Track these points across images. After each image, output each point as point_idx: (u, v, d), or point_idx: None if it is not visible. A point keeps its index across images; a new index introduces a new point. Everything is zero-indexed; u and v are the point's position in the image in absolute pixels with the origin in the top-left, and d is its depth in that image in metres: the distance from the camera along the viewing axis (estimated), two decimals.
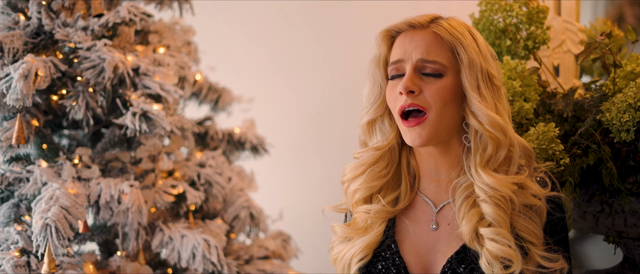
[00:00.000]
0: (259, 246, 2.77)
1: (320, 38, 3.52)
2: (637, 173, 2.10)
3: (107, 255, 2.55)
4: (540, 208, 1.78)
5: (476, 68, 1.79)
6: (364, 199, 1.96)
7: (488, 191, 1.77)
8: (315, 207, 3.43)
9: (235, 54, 3.55)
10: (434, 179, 1.91)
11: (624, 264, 2.34)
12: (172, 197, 2.51)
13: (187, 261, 2.45)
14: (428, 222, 1.89)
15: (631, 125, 2.02)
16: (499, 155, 1.79)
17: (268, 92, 3.43)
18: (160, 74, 2.47)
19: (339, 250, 1.96)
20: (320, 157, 3.51)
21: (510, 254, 1.72)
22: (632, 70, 2.35)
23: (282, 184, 3.42)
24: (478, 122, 1.79)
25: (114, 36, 2.53)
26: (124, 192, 2.35)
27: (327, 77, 3.49)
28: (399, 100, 1.83)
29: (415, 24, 1.89)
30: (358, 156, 1.95)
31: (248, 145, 2.89)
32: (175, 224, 2.51)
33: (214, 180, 2.65)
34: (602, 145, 2.08)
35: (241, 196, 2.73)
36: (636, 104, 2.01)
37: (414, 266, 1.87)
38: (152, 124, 2.38)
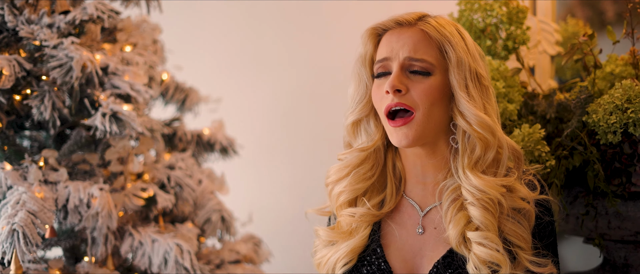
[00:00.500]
0: (229, 250, 2.75)
1: (287, 38, 3.55)
2: (623, 175, 2.08)
3: (74, 261, 2.54)
4: (529, 212, 1.81)
5: (464, 67, 1.80)
6: (349, 202, 1.98)
7: (476, 194, 1.81)
8: (284, 210, 3.42)
9: (201, 53, 3.54)
10: (420, 182, 1.94)
11: (605, 267, 2.38)
12: (142, 201, 2.50)
13: (159, 266, 2.43)
14: (414, 226, 1.92)
15: (618, 127, 2.05)
16: (488, 156, 1.80)
17: (234, 92, 3.40)
18: (129, 73, 2.45)
19: (323, 254, 1.99)
20: (287, 159, 3.53)
21: (499, 258, 1.74)
22: (611, 71, 2.37)
23: (249, 187, 3.37)
24: (466, 122, 1.82)
25: (81, 34, 2.47)
26: (94, 195, 2.33)
27: (293, 77, 3.50)
28: (385, 99, 1.85)
29: (402, 22, 1.91)
30: (342, 157, 1.98)
31: (218, 146, 2.88)
32: (145, 229, 2.49)
33: (185, 183, 2.62)
34: (590, 147, 2.06)
35: (212, 199, 2.72)
36: (623, 105, 2.02)
37: (400, 270, 1.90)
38: (123, 125, 2.35)
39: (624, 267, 2.35)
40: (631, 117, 2.05)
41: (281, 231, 3.25)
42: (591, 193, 2.21)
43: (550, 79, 2.73)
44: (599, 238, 2.25)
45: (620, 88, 2.10)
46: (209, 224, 2.70)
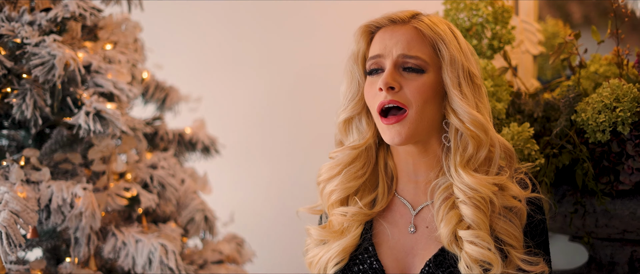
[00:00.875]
0: (212, 250, 2.72)
1: (266, 37, 3.50)
2: (611, 174, 2.09)
3: (55, 262, 2.48)
4: (520, 210, 1.81)
5: (457, 65, 1.80)
6: (340, 200, 1.97)
7: (468, 192, 1.80)
8: (264, 209, 3.39)
9: (180, 52, 3.49)
10: (412, 181, 1.94)
11: (591, 265, 2.38)
12: (125, 201, 2.47)
13: (143, 267, 2.40)
14: (406, 224, 1.91)
15: (607, 125, 2.06)
16: (480, 155, 1.80)
17: (214, 91, 3.36)
18: (112, 71, 2.42)
19: (314, 253, 1.98)
20: (267, 158, 3.50)
21: (490, 257, 1.74)
22: (595, 70, 2.37)
23: (229, 186, 3.34)
24: (459, 120, 1.82)
25: (62, 32, 2.42)
26: (77, 195, 2.30)
27: (274, 77, 3.47)
28: (378, 97, 1.84)
29: (396, 19, 1.91)
30: (334, 155, 1.98)
31: (200, 146, 2.84)
32: (128, 229, 2.46)
33: (168, 182, 2.59)
34: (580, 145, 2.06)
35: (195, 198, 2.69)
36: (611, 104, 2.02)
37: (392, 269, 1.90)
38: (106, 124, 2.30)
39: (609, 265, 2.36)
40: (620, 116, 2.06)
41: (261, 231, 3.23)
42: (579, 191, 2.22)
43: (533, 79, 2.74)
44: (588, 236, 2.27)
45: (609, 87, 2.11)
46: (193, 224, 2.67)
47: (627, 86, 2.09)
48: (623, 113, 2.06)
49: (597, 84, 2.39)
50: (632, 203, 2.18)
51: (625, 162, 2.11)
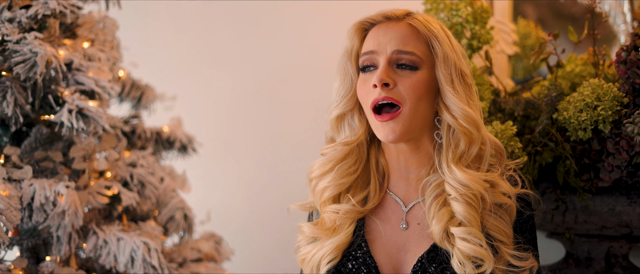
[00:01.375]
0: (191, 249, 2.69)
1: (240, 36, 3.49)
2: (591, 171, 2.13)
3: (34, 261, 2.42)
4: (510, 207, 1.84)
5: (451, 63, 1.83)
6: (333, 198, 1.97)
7: (459, 189, 1.82)
8: (239, 207, 3.39)
9: (155, 50, 3.45)
10: (403, 178, 1.95)
11: (568, 260, 2.41)
12: (106, 199, 2.43)
13: (125, 265, 2.38)
14: (398, 221, 1.93)
15: (588, 124, 2.09)
16: (472, 151, 1.83)
17: (188, 90, 3.33)
18: (94, 69, 2.38)
19: (307, 251, 1.99)
20: (242, 157, 3.47)
21: (482, 253, 1.76)
22: (571, 70, 2.40)
23: (204, 185, 3.32)
24: (452, 116, 1.84)
25: (43, 29, 2.38)
26: (60, 193, 2.26)
27: (248, 75, 3.46)
28: (372, 93, 1.85)
29: (390, 16, 1.92)
30: (326, 151, 1.99)
31: (178, 144, 2.82)
32: (109, 227, 2.44)
33: (147, 180, 2.57)
34: (563, 143, 2.10)
35: (174, 197, 2.69)
36: (593, 103, 2.05)
37: (385, 266, 1.90)
38: (89, 122, 2.26)
39: (587, 260, 2.41)
40: (601, 114, 2.10)
41: (237, 229, 3.22)
42: (559, 188, 2.26)
43: (507, 78, 2.78)
44: (569, 232, 2.31)
45: (589, 86, 2.15)
46: (173, 222, 2.65)
47: (607, 86, 2.13)
48: (604, 112, 2.10)
49: (573, 84, 2.44)
50: (611, 200, 2.23)
51: (605, 159, 2.15)
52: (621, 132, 2.12)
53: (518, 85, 2.64)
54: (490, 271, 1.76)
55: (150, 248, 2.38)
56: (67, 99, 2.31)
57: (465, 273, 1.77)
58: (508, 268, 1.79)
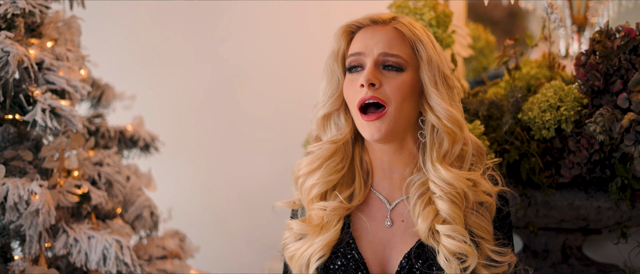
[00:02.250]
0: (156, 246, 2.69)
1: (196, 36, 3.48)
2: (552, 167, 2.23)
3: (2, 260, 2.37)
4: (491, 205, 1.93)
5: (434, 66, 1.91)
6: (320, 195, 2.01)
7: (444, 187, 1.89)
8: (197, 205, 3.40)
9: (111, 49, 3.42)
10: (387, 177, 2.02)
11: (525, 253, 2.50)
12: (76, 198, 2.41)
13: (97, 263, 2.34)
14: (383, 219, 1.99)
15: (552, 123, 2.16)
16: (455, 150, 1.91)
17: (145, 89, 3.31)
18: (64, 69, 2.36)
19: (296, 248, 2.02)
20: (199, 156, 3.46)
21: (466, 249, 1.84)
22: (527, 72, 2.50)
23: (163, 183, 3.32)
24: (436, 117, 1.91)
25: (11, 28, 2.35)
26: (34, 192, 2.22)
27: (205, 74, 3.45)
28: (359, 93, 1.91)
29: (377, 20, 1.99)
30: (313, 149, 2.03)
31: (141, 143, 2.80)
32: (79, 226, 2.43)
33: (115, 179, 2.58)
34: (530, 141, 2.19)
35: (141, 195, 2.70)
36: (556, 104, 2.14)
37: (372, 262, 1.96)
38: (61, 121, 2.24)
39: (544, 252, 2.52)
40: (564, 114, 2.21)
41: (194, 227, 3.23)
42: (522, 184, 2.36)
43: (463, 80, 2.87)
44: (532, 225, 2.41)
45: (552, 88, 2.25)
46: (140, 220, 2.66)
47: (567, 88, 2.24)
48: (567, 112, 2.20)
49: (529, 85, 2.55)
50: (570, 195, 2.33)
51: (566, 157, 2.26)
52: (582, 131, 2.22)
53: (476, 86, 2.74)
54: (473, 266, 1.84)
55: (123, 245, 2.38)
56: (39, 99, 2.29)
57: (451, 268, 1.84)
58: (489, 262, 1.87)
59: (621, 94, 2.12)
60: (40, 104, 2.27)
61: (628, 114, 2.06)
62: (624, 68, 2.18)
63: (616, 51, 2.19)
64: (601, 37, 2.25)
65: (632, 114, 2.06)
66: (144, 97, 3.23)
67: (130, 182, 2.68)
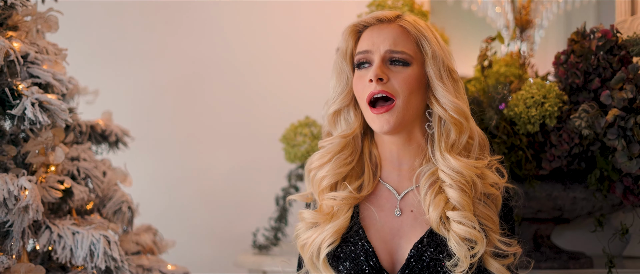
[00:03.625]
0: (131, 241, 2.64)
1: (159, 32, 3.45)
2: (533, 160, 2.32)
3: None
4: (497, 197, 1.98)
5: (439, 60, 1.97)
6: (330, 186, 2.04)
7: (454, 176, 1.93)
8: (154, 200, 3.35)
9: (72, 44, 3.31)
10: (395, 168, 2.06)
11: None
12: (59, 193, 2.34)
13: (84, 258, 2.28)
14: (392, 209, 2.02)
15: (537, 118, 2.23)
16: (462, 140, 1.97)
17: (103, 84, 3.24)
18: (49, 62, 2.28)
19: (307, 236, 2.03)
20: (160, 151, 3.42)
21: (476, 235, 1.88)
22: (497, 70, 2.58)
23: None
24: (443, 108, 1.96)
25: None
26: (24, 188, 2.14)
27: (166, 70, 3.42)
28: (368, 88, 1.95)
29: (382, 19, 2.03)
30: (324, 144, 2.06)
31: (113, 138, 2.75)
32: (61, 222, 2.36)
33: (93, 174, 2.54)
34: (520, 136, 2.27)
35: (117, 190, 2.63)
36: (540, 100, 2.23)
37: (381, 250, 1.98)
38: (50, 115, 2.18)
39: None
40: (548, 110, 2.30)
41: (155, 222, 3.20)
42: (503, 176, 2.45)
43: None
44: (517, 216, 2.49)
45: (535, 85, 2.35)
46: (119, 216, 2.61)
47: (549, 85, 2.34)
48: (551, 108, 2.30)
49: (498, 82, 2.64)
50: (548, 186, 2.43)
51: (548, 150, 2.36)
52: (563, 126, 2.33)
53: None
54: (481, 253, 1.90)
55: (110, 240, 2.34)
56: (25, 92, 2.22)
57: (462, 254, 1.89)
58: (497, 251, 1.93)
59: (604, 92, 2.24)
60: (28, 98, 2.21)
61: (612, 110, 2.18)
62: (601, 67, 2.30)
63: (595, 51, 2.30)
64: (578, 37, 2.37)
65: (616, 110, 2.18)
66: (104, 92, 3.17)
67: (107, 177, 2.62)
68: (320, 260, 1.99)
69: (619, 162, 2.21)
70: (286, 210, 2.97)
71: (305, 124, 2.66)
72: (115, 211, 2.62)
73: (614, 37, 2.31)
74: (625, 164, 2.21)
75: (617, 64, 2.29)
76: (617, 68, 2.29)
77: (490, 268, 1.92)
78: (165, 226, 3.19)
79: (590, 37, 2.35)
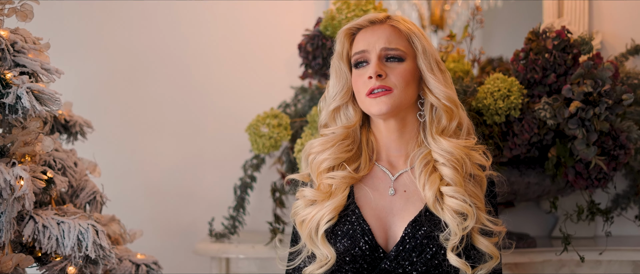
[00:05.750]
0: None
1: (97, 25, 3.38)
2: (496, 149, 2.50)
3: None
4: (482, 179, 2.13)
5: (429, 54, 2.15)
6: (329, 168, 2.21)
7: (446, 155, 2.12)
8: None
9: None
10: (391, 153, 2.23)
11: None
12: (43, 183, 2.29)
13: (72, 248, 2.25)
14: (386, 189, 2.18)
15: (504, 110, 2.41)
16: (452, 125, 2.16)
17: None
18: (34, 51, 2.24)
19: (307, 212, 2.17)
20: (101, 141, 3.35)
21: (467, 209, 2.06)
22: (453, 68, 2.76)
23: None
24: (436, 98, 2.15)
25: None
26: (21, 177, 2.10)
27: (108, 61, 3.38)
28: (368, 84, 2.13)
29: (374, 20, 2.22)
30: (327, 132, 2.23)
31: (77, 128, 2.70)
32: (44, 212, 2.30)
33: (67, 165, 2.47)
34: (493, 126, 2.44)
35: (88, 180, 2.58)
36: (506, 93, 2.41)
37: (376, 227, 2.14)
38: (45, 104, 2.15)
39: None
40: (513, 102, 2.49)
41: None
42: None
43: None
44: None
45: (498, 80, 2.53)
46: (93, 206, 2.58)
47: (510, 79, 2.53)
48: (516, 100, 2.49)
49: (459, 78, 2.82)
50: (506, 173, 2.61)
51: (510, 139, 2.55)
52: (524, 117, 2.52)
53: None
54: (471, 226, 2.05)
55: (98, 229, 2.32)
56: (15, 81, 2.17)
57: (454, 225, 2.03)
58: (485, 228, 2.09)
59: (565, 86, 2.46)
60: (22, 87, 2.15)
61: (574, 102, 2.40)
62: (557, 63, 2.52)
63: (551, 49, 2.52)
64: (534, 37, 2.58)
65: (577, 102, 2.40)
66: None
67: (79, 167, 2.59)
68: (319, 236, 2.13)
69: (578, 149, 2.44)
70: (244, 199, 3.03)
71: (273, 115, 2.73)
72: (88, 201, 2.59)
73: (566, 37, 2.53)
74: (583, 151, 2.44)
75: (570, 61, 2.52)
76: (570, 65, 2.52)
77: (480, 246, 2.08)
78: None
79: (544, 36, 2.56)
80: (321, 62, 2.84)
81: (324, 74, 2.89)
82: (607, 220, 2.75)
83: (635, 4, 3.18)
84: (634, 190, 2.95)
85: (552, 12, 3.14)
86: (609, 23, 3.18)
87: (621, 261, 2.86)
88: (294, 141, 2.91)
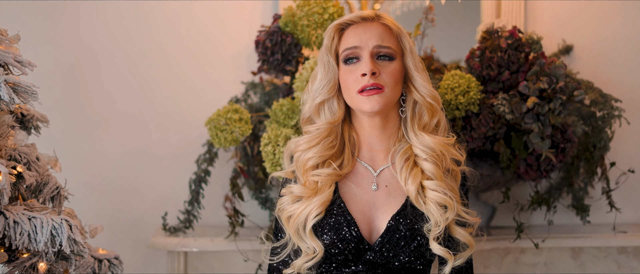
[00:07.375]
0: None
1: (41, 16, 3.30)
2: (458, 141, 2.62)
3: None
4: (457, 174, 2.22)
5: (414, 54, 2.17)
6: (314, 166, 2.26)
7: (427, 151, 2.20)
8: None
9: None
10: (372, 149, 2.30)
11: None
12: (13, 178, 2.24)
13: (45, 243, 2.21)
14: (369, 184, 2.24)
15: (464, 105, 2.52)
16: (432, 122, 2.23)
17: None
18: (5, 43, 2.19)
19: (294, 208, 2.23)
20: (48, 136, 3.27)
21: (447, 201, 2.15)
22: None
23: None
24: (420, 95, 2.22)
25: None
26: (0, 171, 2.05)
27: (52, 54, 3.28)
28: (361, 81, 2.17)
29: (366, 17, 2.26)
30: (310, 129, 2.28)
31: (34, 122, 2.63)
32: (13, 208, 2.25)
33: (32, 159, 2.41)
34: (457, 121, 2.53)
35: (50, 175, 2.52)
36: (465, 89, 2.52)
37: (360, 220, 2.21)
38: (23, 97, 2.11)
39: None
40: (473, 98, 2.59)
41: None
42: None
43: None
44: None
45: (457, 76, 2.63)
46: (57, 201, 2.52)
47: (467, 76, 2.63)
48: (475, 95, 2.59)
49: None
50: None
51: (468, 133, 2.65)
52: (481, 112, 2.64)
53: None
54: (452, 217, 2.14)
55: (72, 224, 2.27)
56: None
57: (436, 216, 2.12)
58: (460, 218, 2.18)
59: (522, 82, 2.58)
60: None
61: (531, 98, 2.53)
62: (511, 61, 2.64)
63: (505, 48, 2.64)
64: (488, 36, 2.70)
65: (534, 98, 2.53)
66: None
67: (41, 162, 2.52)
68: (307, 231, 2.17)
69: (533, 142, 2.57)
70: (198, 193, 3.01)
71: (233, 110, 2.73)
72: (52, 196, 2.53)
73: (518, 37, 2.66)
74: (538, 144, 2.57)
75: (523, 59, 2.65)
76: (522, 62, 2.65)
77: (457, 236, 2.18)
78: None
79: (497, 35, 2.68)
80: (280, 57, 2.87)
81: (282, 70, 2.92)
82: (550, 209, 2.90)
83: (565, 5, 3.35)
84: (568, 181, 3.13)
85: (491, 13, 3.27)
86: (542, 24, 3.34)
87: (561, 248, 3.03)
88: (254, 136, 2.94)
